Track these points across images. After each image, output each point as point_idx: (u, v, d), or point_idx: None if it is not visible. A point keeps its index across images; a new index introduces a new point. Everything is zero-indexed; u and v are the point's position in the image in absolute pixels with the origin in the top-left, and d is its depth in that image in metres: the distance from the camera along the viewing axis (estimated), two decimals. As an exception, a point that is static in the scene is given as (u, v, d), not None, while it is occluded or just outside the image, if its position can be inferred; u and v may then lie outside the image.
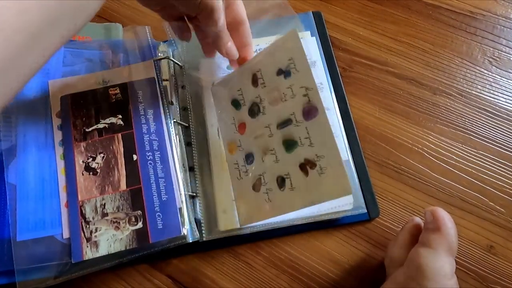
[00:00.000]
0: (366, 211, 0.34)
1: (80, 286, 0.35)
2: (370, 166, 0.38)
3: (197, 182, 0.36)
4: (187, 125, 0.38)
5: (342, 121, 0.38)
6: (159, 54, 0.42)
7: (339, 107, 0.39)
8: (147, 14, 0.46)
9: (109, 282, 0.35)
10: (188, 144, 0.37)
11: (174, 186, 0.34)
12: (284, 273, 0.35)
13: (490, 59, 0.42)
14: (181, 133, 0.37)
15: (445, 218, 0.27)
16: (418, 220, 0.30)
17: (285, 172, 0.31)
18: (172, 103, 0.38)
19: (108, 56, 0.41)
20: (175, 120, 0.37)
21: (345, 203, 0.34)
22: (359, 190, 0.35)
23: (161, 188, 0.34)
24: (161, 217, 0.33)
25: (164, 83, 0.40)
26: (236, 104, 0.35)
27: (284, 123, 0.31)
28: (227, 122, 0.36)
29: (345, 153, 0.36)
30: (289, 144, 0.31)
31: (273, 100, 0.32)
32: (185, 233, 0.33)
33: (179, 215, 0.33)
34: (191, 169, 0.36)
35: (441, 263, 0.26)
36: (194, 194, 0.35)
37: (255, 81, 0.34)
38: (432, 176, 0.37)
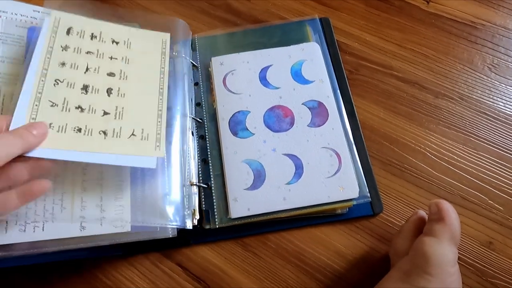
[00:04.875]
0: (370, 200, 0.36)
1: (93, 273, 0.36)
2: (375, 164, 0.39)
3: (211, 173, 0.37)
4: (201, 120, 0.40)
5: (348, 121, 0.40)
6: (174, 53, 0.44)
7: (345, 108, 0.41)
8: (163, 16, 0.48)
9: (121, 270, 0.36)
10: (201, 137, 0.39)
11: (159, 185, 0.36)
12: (290, 263, 0.36)
13: (490, 66, 0.44)
14: (194, 127, 0.39)
15: (449, 209, 0.28)
16: (422, 213, 0.32)
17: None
18: (170, 109, 0.39)
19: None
20: (190, 116, 0.39)
21: (351, 191, 0.35)
22: (364, 181, 0.36)
23: (146, 184, 0.35)
24: (141, 210, 0.34)
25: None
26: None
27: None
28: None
29: (346, 151, 0.37)
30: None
31: None
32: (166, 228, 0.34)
33: (158, 212, 0.35)
34: (204, 161, 0.38)
35: (444, 251, 0.27)
36: (207, 185, 0.37)
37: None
38: (433, 174, 0.38)
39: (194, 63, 0.43)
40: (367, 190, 0.36)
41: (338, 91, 0.41)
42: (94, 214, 0.34)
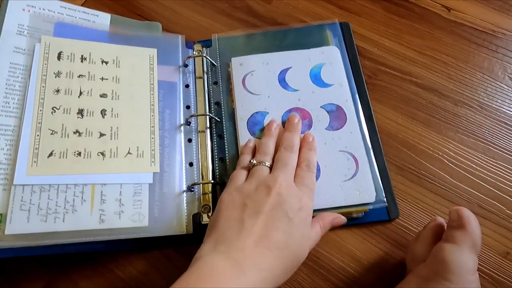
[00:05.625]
0: (386, 204, 0.36)
1: (107, 266, 0.36)
2: (391, 169, 0.39)
3: (228, 171, 0.37)
4: (219, 119, 0.40)
5: (366, 125, 0.40)
6: (194, 53, 0.44)
7: (363, 112, 0.40)
8: (184, 16, 0.48)
9: (135, 263, 0.37)
10: (219, 136, 0.39)
11: (176, 182, 0.37)
12: (304, 265, 0.36)
13: (511, 75, 0.43)
14: (213, 127, 0.40)
15: (470, 217, 0.28)
16: (441, 219, 0.32)
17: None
18: (188, 107, 0.41)
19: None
20: (208, 115, 0.40)
21: (368, 195, 0.35)
22: (381, 186, 0.36)
23: (164, 181, 0.36)
24: (158, 206, 0.35)
25: (197, 80, 0.43)
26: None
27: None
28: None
29: (364, 155, 0.37)
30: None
31: None
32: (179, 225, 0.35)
33: (175, 209, 0.36)
34: (222, 159, 0.38)
35: (465, 259, 0.27)
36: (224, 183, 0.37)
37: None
38: (451, 182, 0.38)
39: (214, 63, 0.43)
40: (384, 194, 0.36)
41: (357, 95, 0.41)
42: (113, 208, 0.34)
